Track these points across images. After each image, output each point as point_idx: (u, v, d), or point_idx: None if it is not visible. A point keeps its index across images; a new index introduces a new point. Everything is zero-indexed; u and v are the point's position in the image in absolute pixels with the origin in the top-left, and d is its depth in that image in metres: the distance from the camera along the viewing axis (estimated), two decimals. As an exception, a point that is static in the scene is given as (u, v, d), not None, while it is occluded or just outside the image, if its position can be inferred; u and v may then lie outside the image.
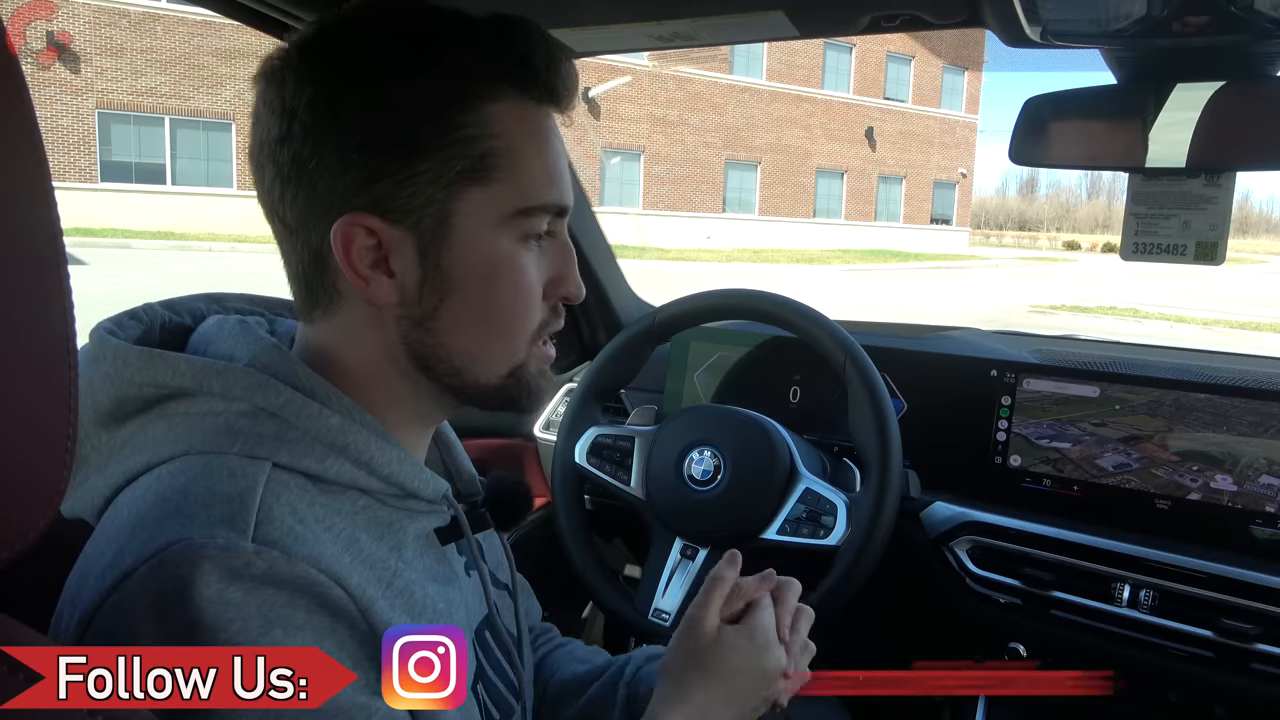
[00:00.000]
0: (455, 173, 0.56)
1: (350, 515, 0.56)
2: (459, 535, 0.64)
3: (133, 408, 0.56)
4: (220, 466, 0.52)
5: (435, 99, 0.56)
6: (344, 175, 0.55)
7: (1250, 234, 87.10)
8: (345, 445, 0.56)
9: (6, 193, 0.30)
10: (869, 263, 20.06)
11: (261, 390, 0.55)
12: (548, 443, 1.49)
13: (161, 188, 15.20)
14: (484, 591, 0.68)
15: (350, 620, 0.51)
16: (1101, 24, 0.82)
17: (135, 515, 0.51)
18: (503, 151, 0.57)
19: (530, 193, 0.58)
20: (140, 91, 14.79)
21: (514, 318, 0.60)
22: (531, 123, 0.59)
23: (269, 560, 0.48)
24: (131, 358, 0.56)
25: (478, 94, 0.56)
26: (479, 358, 0.60)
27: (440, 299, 0.58)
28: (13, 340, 0.30)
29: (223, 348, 0.59)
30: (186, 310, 0.66)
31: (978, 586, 1.16)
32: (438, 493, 0.62)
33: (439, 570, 0.62)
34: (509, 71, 0.57)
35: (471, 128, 0.56)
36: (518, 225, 0.59)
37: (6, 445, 0.30)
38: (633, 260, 4.17)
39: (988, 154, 52.26)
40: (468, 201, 0.57)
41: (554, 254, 0.63)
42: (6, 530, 0.30)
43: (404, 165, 0.55)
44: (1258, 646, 0.99)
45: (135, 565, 0.47)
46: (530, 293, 0.61)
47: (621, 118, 19.90)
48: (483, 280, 0.58)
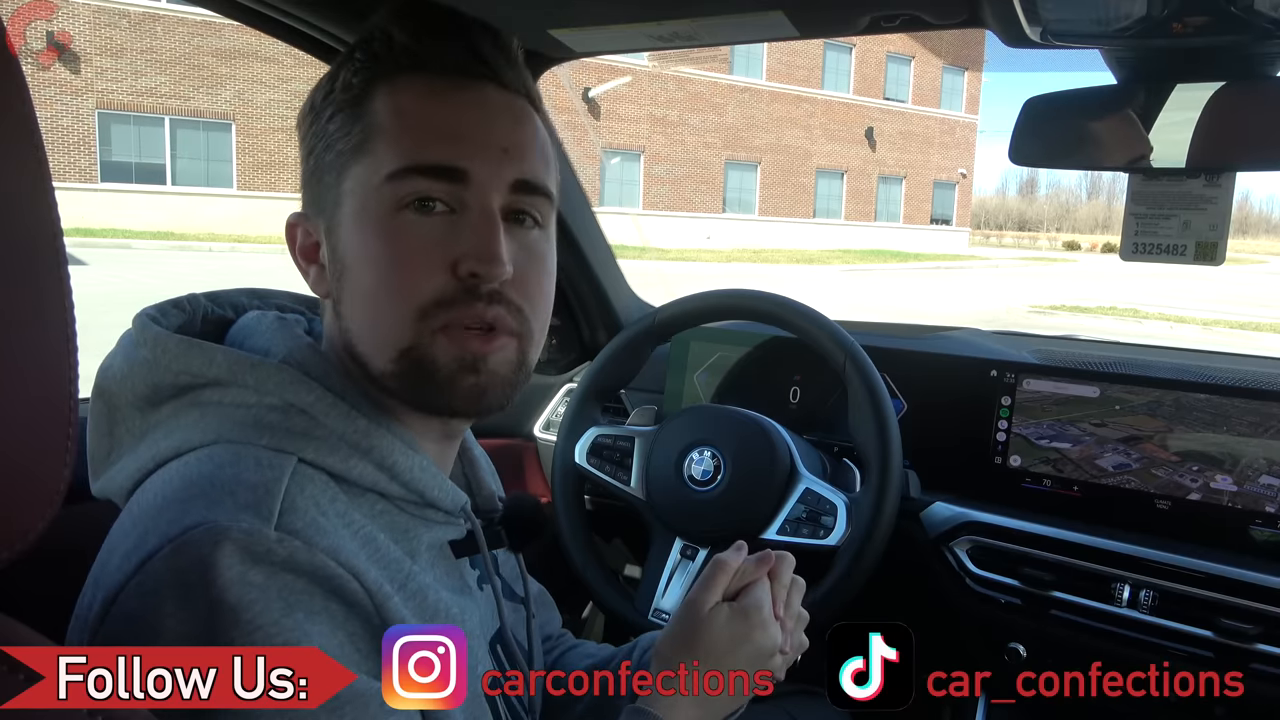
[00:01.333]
0: (340, 153, 0.58)
1: (370, 517, 0.57)
2: (473, 549, 0.65)
3: (167, 393, 0.58)
4: (248, 456, 0.53)
5: (341, 101, 0.59)
6: (302, 178, 0.62)
7: (1250, 234, 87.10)
8: (370, 448, 0.57)
9: (6, 193, 0.30)
10: (869, 263, 20.05)
11: (293, 387, 0.57)
12: (548, 443, 1.49)
13: (161, 188, 15.20)
14: (497, 605, 0.68)
15: (364, 614, 0.52)
16: (1101, 24, 0.82)
17: (162, 498, 0.52)
18: (383, 125, 0.58)
19: (404, 154, 0.57)
20: (140, 91, 14.79)
21: (391, 290, 0.56)
22: (424, 94, 0.59)
23: (290, 547, 0.49)
24: (170, 345, 0.58)
25: (369, 84, 0.59)
26: (368, 339, 0.59)
27: (340, 281, 0.59)
28: (13, 340, 0.30)
29: (259, 342, 0.61)
30: (229, 303, 0.67)
31: (978, 587, 1.16)
32: (456, 504, 0.62)
33: (450, 581, 0.63)
34: (403, 55, 0.59)
35: (362, 113, 0.59)
36: (400, 188, 0.57)
37: (6, 445, 0.30)
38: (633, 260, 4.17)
39: (988, 154, 52.30)
40: (351, 180, 0.58)
41: (466, 224, 0.57)
42: (6, 530, 0.30)
43: (317, 162, 0.60)
44: (1258, 646, 0.99)
45: (160, 546, 0.48)
46: (408, 262, 0.56)
47: (621, 118, 19.90)
48: (361, 253, 0.58)
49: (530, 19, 1.01)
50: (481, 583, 0.68)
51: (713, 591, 0.70)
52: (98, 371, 0.61)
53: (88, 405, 0.65)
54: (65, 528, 0.55)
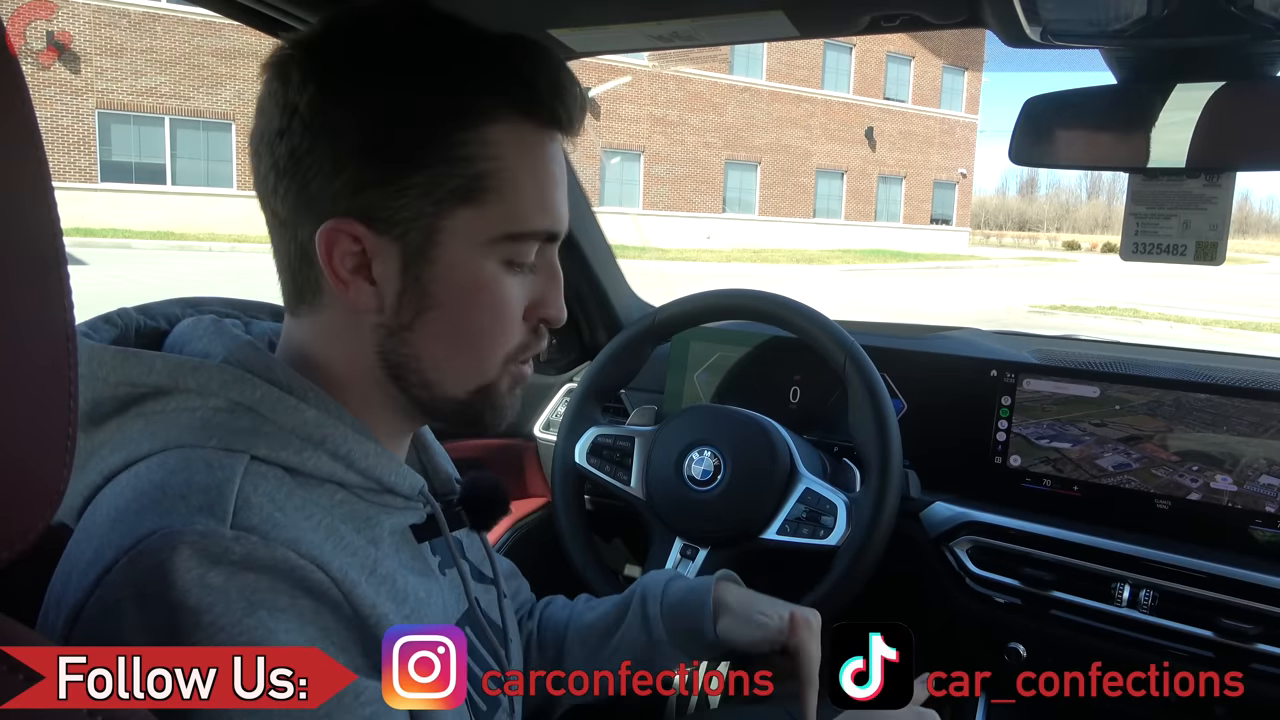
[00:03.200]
0: (447, 190, 0.56)
1: (328, 508, 0.56)
2: (435, 533, 0.64)
3: (109, 408, 0.56)
4: (197, 459, 0.52)
5: (436, 113, 0.55)
6: (336, 178, 0.55)
7: (1250, 234, 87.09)
8: (322, 439, 0.56)
9: (6, 193, 0.30)
10: (869, 263, 20.05)
11: (237, 385, 0.55)
12: (548, 443, 1.49)
13: (161, 188, 15.20)
14: (464, 586, 0.67)
15: (334, 604, 0.51)
16: (1101, 24, 0.81)
17: (114, 511, 0.51)
18: (498, 174, 0.57)
19: (521, 218, 0.58)
20: (140, 91, 14.79)
21: (490, 339, 0.60)
22: (532, 147, 0.58)
23: (248, 545, 0.48)
24: (106, 357, 0.56)
25: (479, 112, 0.56)
26: (449, 372, 0.60)
27: (418, 312, 0.58)
28: (13, 340, 0.30)
29: (198, 346, 0.59)
30: (161, 314, 0.65)
31: (978, 586, 1.16)
32: (414, 488, 0.62)
33: (415, 565, 0.62)
34: (513, 93, 0.57)
35: (470, 146, 0.56)
36: (505, 249, 0.58)
37: (7, 445, 0.30)
38: (633, 260, 4.16)
39: (988, 154, 52.31)
40: (457, 220, 0.57)
41: (540, 277, 0.62)
42: (6, 530, 0.30)
43: (396, 176, 0.55)
44: (1258, 646, 0.99)
45: (116, 559, 0.47)
46: (509, 316, 0.61)
47: (621, 118, 19.89)
48: (463, 299, 0.58)
49: (530, 19, 1.01)
50: (444, 568, 0.67)
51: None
52: None
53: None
54: (63, 529, 0.55)
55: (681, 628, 0.81)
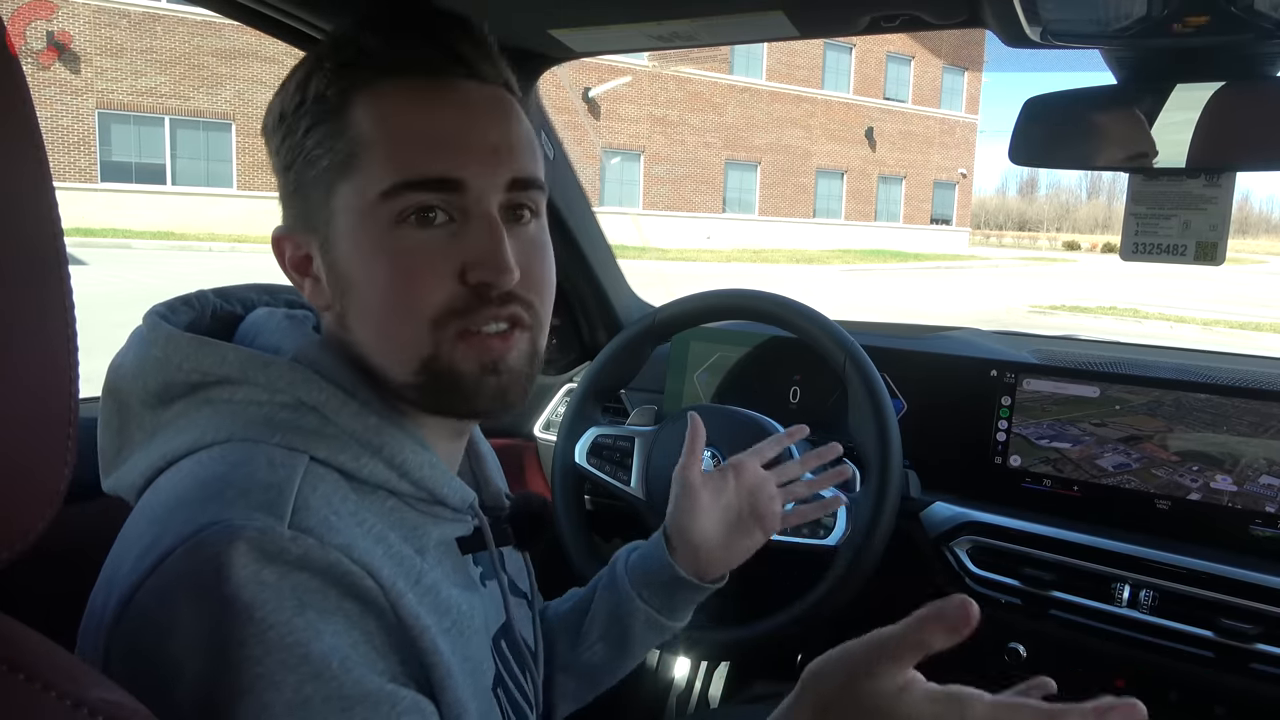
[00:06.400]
0: (324, 169, 0.58)
1: (380, 515, 0.57)
2: (480, 546, 0.65)
3: (179, 391, 0.58)
4: (260, 455, 0.53)
5: (317, 113, 0.58)
6: (281, 191, 0.62)
7: (1250, 234, 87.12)
8: (381, 445, 0.57)
9: (6, 193, 0.30)
10: (869, 263, 20.06)
11: (305, 385, 0.57)
12: (548, 443, 1.49)
13: (161, 188, 15.21)
14: (503, 600, 0.68)
15: (379, 611, 0.52)
16: (1101, 24, 0.82)
17: (175, 498, 0.52)
18: (369, 138, 0.57)
19: (397, 170, 0.56)
20: (140, 91, 14.80)
21: (404, 300, 0.57)
22: (406, 101, 0.58)
23: (304, 546, 0.49)
24: (183, 343, 0.58)
25: (345, 94, 0.58)
26: (386, 352, 0.59)
27: (344, 296, 0.60)
28: (13, 340, 0.30)
29: (270, 340, 0.61)
30: (237, 299, 0.68)
31: (978, 587, 1.16)
32: (465, 501, 0.62)
33: (458, 577, 0.63)
34: (376, 61, 0.58)
35: (343, 126, 0.58)
36: (388, 206, 0.57)
37: (6, 445, 0.30)
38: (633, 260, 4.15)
39: (988, 154, 52.32)
40: (342, 197, 0.58)
41: (471, 229, 0.58)
42: (6, 530, 0.30)
43: (298, 179, 0.60)
44: (1258, 646, 0.99)
45: (174, 545, 0.48)
46: (415, 275, 0.57)
47: (621, 118, 19.90)
48: (365, 271, 0.58)
49: (530, 19, 1.01)
50: (485, 579, 0.68)
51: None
52: (108, 369, 0.61)
53: (90, 404, 0.65)
54: (66, 528, 0.55)
55: (643, 567, 0.84)
